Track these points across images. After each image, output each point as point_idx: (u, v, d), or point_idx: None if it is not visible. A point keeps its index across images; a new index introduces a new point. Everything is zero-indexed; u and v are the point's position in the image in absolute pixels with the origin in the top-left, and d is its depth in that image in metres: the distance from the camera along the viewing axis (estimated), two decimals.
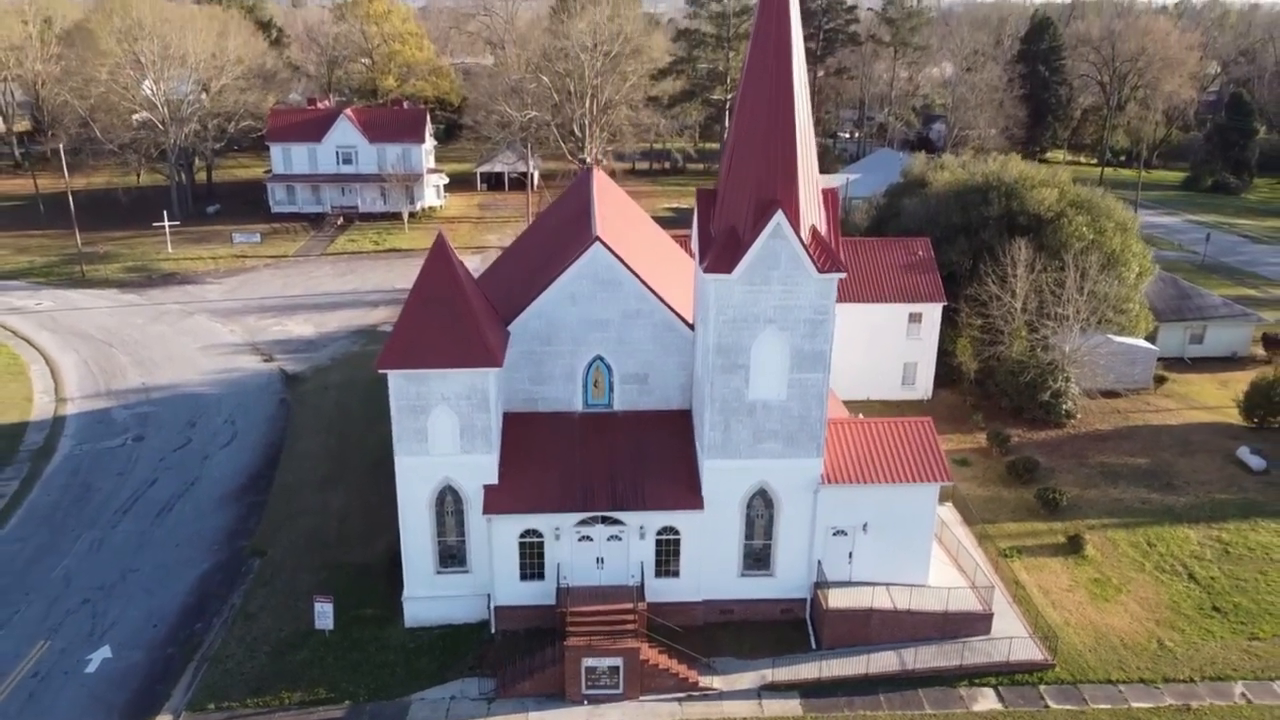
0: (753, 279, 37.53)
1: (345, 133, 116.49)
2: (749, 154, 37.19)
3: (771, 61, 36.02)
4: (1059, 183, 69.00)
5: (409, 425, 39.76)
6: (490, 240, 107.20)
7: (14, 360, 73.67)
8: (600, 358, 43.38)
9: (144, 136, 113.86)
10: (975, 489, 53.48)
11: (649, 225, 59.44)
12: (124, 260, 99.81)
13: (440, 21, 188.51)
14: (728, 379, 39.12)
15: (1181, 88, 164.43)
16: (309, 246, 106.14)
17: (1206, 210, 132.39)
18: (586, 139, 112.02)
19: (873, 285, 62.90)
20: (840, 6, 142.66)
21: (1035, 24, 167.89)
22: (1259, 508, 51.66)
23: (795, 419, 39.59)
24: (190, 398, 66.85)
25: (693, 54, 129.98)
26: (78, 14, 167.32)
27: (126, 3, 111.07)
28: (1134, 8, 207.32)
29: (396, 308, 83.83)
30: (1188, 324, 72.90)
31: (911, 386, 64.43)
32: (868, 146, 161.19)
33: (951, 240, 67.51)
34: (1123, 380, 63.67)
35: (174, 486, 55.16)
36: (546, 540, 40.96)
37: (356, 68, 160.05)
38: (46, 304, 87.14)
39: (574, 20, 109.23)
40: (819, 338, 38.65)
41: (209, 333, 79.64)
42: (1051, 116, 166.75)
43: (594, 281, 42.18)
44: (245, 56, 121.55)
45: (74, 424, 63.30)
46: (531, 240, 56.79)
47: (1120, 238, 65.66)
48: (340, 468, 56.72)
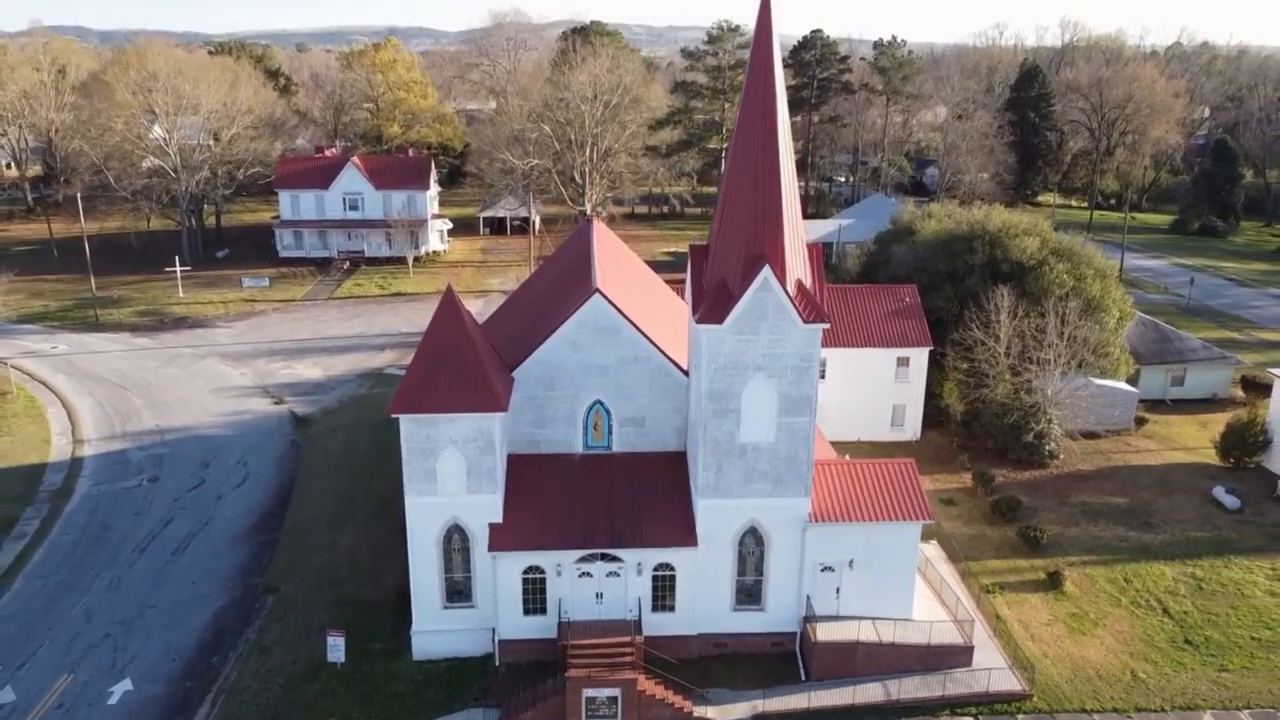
0: (742, 329, 40.00)
1: (352, 180, 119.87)
2: (738, 213, 39.87)
3: (759, 129, 38.84)
4: (1040, 231, 71.79)
5: (419, 466, 42.02)
6: (493, 284, 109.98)
7: (32, 403, 76.03)
8: (600, 402, 45.74)
9: (156, 184, 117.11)
10: (961, 527, 55.58)
11: (646, 274, 62.10)
12: (136, 304, 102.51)
13: (444, 70, 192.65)
14: (720, 422, 41.46)
15: (1169, 133, 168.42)
16: (316, 290, 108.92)
17: (1193, 253, 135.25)
18: (587, 186, 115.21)
19: (862, 331, 65.41)
20: (833, 56, 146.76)
21: (1025, 72, 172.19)
22: (1232, 545, 53.76)
23: (784, 460, 41.88)
24: (203, 439, 69.12)
25: (689, 105, 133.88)
26: (91, 62, 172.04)
27: (143, 55, 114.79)
28: (1122, 55, 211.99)
29: (402, 351, 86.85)
30: (1169, 367, 75.33)
31: (900, 428, 66.73)
32: (862, 190, 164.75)
33: (938, 287, 70.09)
34: (1104, 422, 65.91)
35: (189, 525, 57.27)
36: (548, 576, 43.05)
37: (362, 114, 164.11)
38: (62, 347, 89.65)
39: (575, 72, 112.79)
40: (805, 383, 40.97)
41: (220, 376, 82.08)
42: (1042, 161, 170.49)
43: (594, 330, 44.66)
44: (255, 106, 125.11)
45: (91, 465, 65.53)
46: (534, 288, 59.40)
47: (1100, 284, 68.26)
48: (349, 507, 58.84)
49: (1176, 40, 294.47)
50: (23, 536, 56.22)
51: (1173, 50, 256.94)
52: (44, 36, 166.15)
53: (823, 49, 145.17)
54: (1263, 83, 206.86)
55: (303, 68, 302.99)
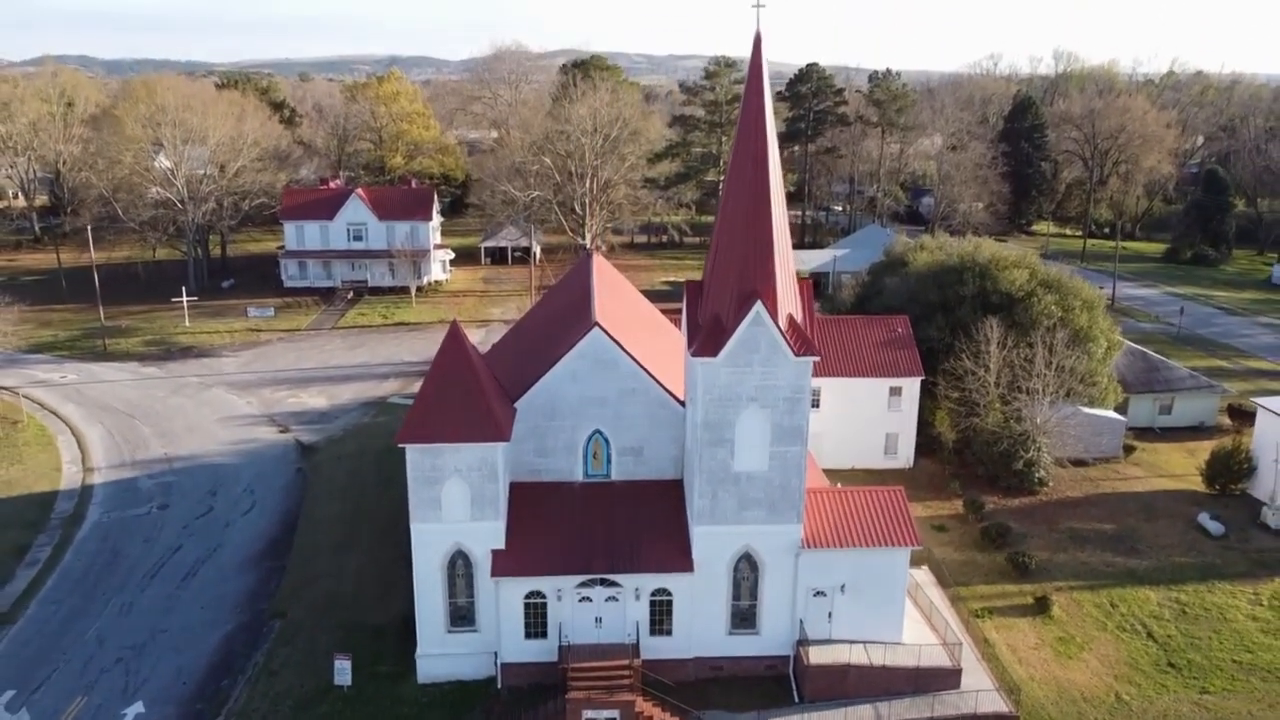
0: (736, 362, 41.62)
1: (356, 211, 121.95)
2: (731, 251, 41.63)
3: (751, 171, 40.69)
4: (1029, 264, 73.52)
5: (424, 495, 43.50)
6: (494, 314, 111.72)
7: (42, 432, 77.53)
8: (599, 431, 47.27)
9: (163, 215, 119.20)
10: (951, 553, 56.95)
11: (644, 306, 63.84)
12: (143, 334, 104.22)
13: (447, 101, 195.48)
14: (715, 451, 42.99)
15: (1161, 163, 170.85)
16: (320, 320, 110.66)
17: (1185, 282, 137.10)
18: (587, 217, 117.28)
19: (856, 361, 67.02)
20: (829, 89, 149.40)
21: (1018, 103, 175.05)
22: (1216, 570, 55.13)
23: (777, 488, 43.37)
24: (211, 467, 70.58)
25: (687, 138, 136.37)
26: (98, 94, 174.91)
27: (152, 89, 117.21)
28: (1114, 86, 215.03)
29: (405, 380, 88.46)
30: (1156, 395, 76.88)
31: (894, 456, 68.20)
32: (859, 219, 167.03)
33: (930, 317, 71.73)
34: (1092, 449, 67.38)
35: (198, 552, 58.65)
36: (549, 601, 44.43)
37: (365, 144, 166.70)
38: (71, 377, 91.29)
39: (575, 105, 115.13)
40: (797, 414, 42.52)
41: (227, 405, 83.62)
42: (1036, 191, 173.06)
43: (593, 362, 46.28)
44: (262, 139, 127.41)
45: (101, 493, 66.96)
46: (535, 320, 61.15)
47: (1087, 315, 69.90)
48: (355, 534, 60.20)
49: (1170, 70, 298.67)
50: (36, 563, 57.61)
51: (1166, 80, 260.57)
52: (53, 68, 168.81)
53: (818, 82, 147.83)
54: (1254, 113, 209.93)
55: (306, 98, 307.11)
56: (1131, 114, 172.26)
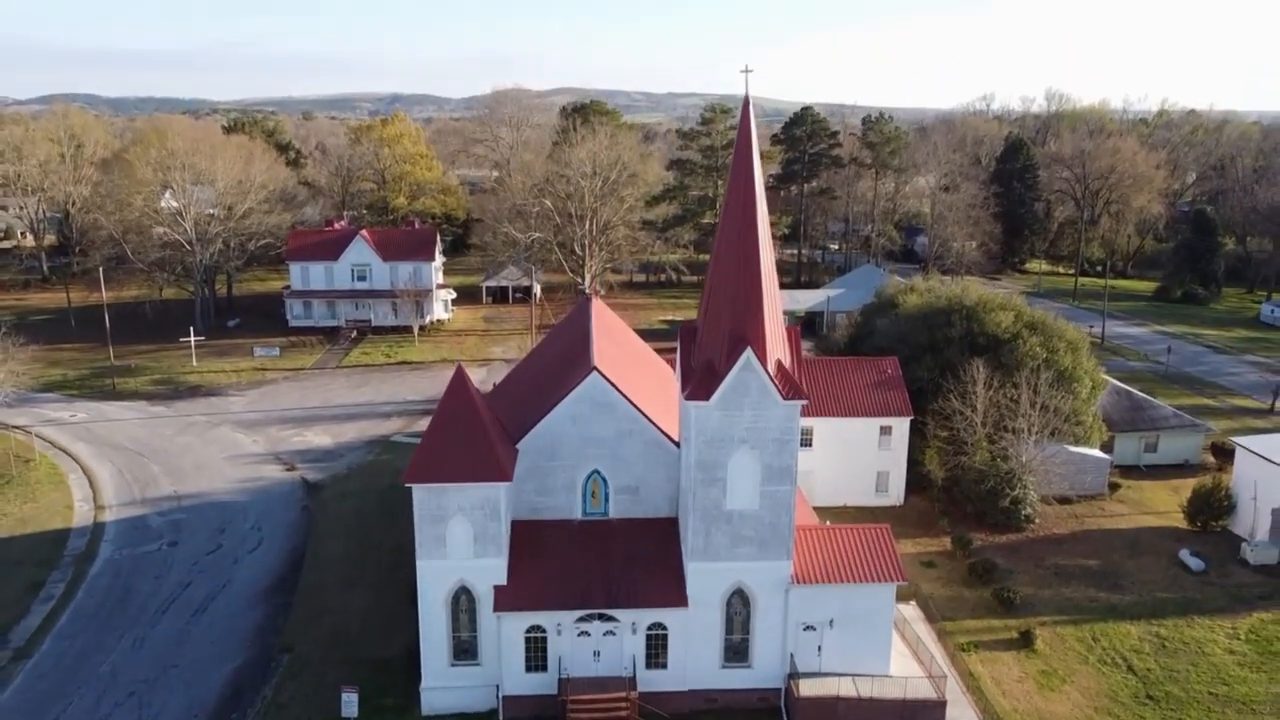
0: (727, 405, 43.64)
1: (361, 252, 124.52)
2: (723, 300, 43.80)
3: (740, 227, 42.98)
4: (1015, 306, 75.75)
5: (430, 532, 45.34)
6: (495, 353, 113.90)
7: (54, 470, 79.35)
8: (597, 471, 49.17)
9: (171, 256, 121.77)
10: (939, 589, 58.63)
11: (641, 348, 65.98)
12: (151, 373, 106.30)
13: (449, 143, 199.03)
14: (708, 491, 44.89)
15: (1151, 203, 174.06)
16: (325, 359, 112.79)
17: (1175, 320, 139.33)
18: (586, 257, 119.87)
19: (847, 401, 69.01)
20: (823, 132, 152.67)
21: (1010, 144, 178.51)
22: (1196, 605, 56.79)
23: (767, 526, 45.22)
24: (219, 505, 72.34)
25: (684, 182, 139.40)
26: (104, 133, 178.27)
27: (163, 133, 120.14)
28: (1105, 127, 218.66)
29: (409, 419, 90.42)
30: (1142, 434, 78.76)
31: (885, 494, 70.00)
32: (854, 258, 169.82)
33: (919, 358, 73.83)
34: (1077, 487, 69.17)
35: (208, 588, 60.27)
36: (549, 635, 46.13)
37: (368, 185, 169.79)
38: (80, 416, 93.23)
39: (575, 149, 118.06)
40: (786, 455, 44.45)
41: (233, 443, 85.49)
42: (1028, 230, 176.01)
43: (592, 405, 48.29)
44: (269, 182, 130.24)
45: (112, 530, 68.67)
46: (536, 362, 63.26)
47: (1071, 356, 72.03)
48: (360, 570, 61.85)
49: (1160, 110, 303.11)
50: (50, 599, 59.23)
51: (1158, 119, 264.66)
52: (63, 110, 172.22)
53: (813, 125, 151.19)
54: (1243, 153, 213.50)
55: (310, 137, 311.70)
56: (1121, 155, 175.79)
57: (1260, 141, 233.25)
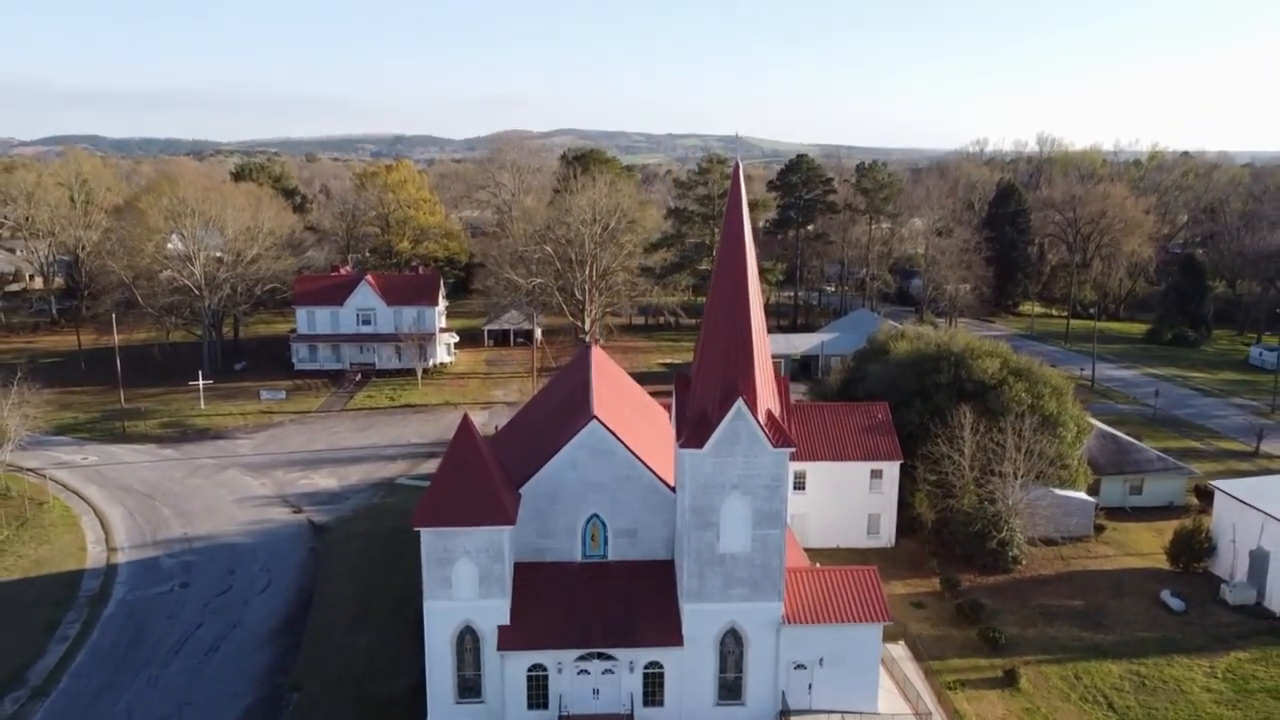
0: (720, 453, 45.92)
1: (365, 297, 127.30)
2: (715, 353, 46.25)
3: (731, 285, 45.58)
4: (1001, 352, 78.20)
5: (436, 574, 47.41)
6: (497, 396, 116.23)
7: (66, 512, 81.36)
8: (597, 515, 51.32)
9: (180, 301, 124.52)
10: (928, 629, 60.49)
11: (639, 394, 68.31)
12: (160, 416, 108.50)
13: (453, 188, 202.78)
14: (702, 535, 47.03)
15: (1141, 247, 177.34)
16: (330, 402, 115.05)
17: (1165, 363, 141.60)
18: (587, 302, 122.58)
19: (839, 446, 71.20)
20: (818, 178, 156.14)
21: (1002, 189, 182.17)
22: (1176, 645, 58.65)
23: (759, 568, 47.32)
24: (228, 547, 74.29)
25: (681, 230, 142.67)
26: (114, 179, 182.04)
27: (175, 182, 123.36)
28: (1096, 172, 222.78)
29: (412, 461, 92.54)
30: (1127, 477, 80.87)
31: (876, 536, 72.00)
32: (850, 300, 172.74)
33: (909, 403, 76.13)
34: (1062, 529, 71.21)
35: (219, 628, 62.12)
36: (550, 674, 48.04)
37: (373, 229, 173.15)
38: (92, 459, 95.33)
39: (575, 197, 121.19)
40: (776, 500, 46.65)
41: (242, 486, 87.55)
42: (1021, 273, 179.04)
43: (591, 451, 50.56)
44: (277, 229, 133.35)
45: (125, 572, 70.58)
46: (539, 408, 65.59)
47: (1056, 402, 74.33)
48: (366, 610, 63.72)
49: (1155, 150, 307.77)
50: (65, 639, 61.05)
51: (1150, 162, 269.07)
52: (75, 158, 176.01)
53: (808, 171, 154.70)
54: (1233, 197, 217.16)
55: (314, 179, 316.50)
56: (1112, 200, 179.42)
57: (1250, 185, 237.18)
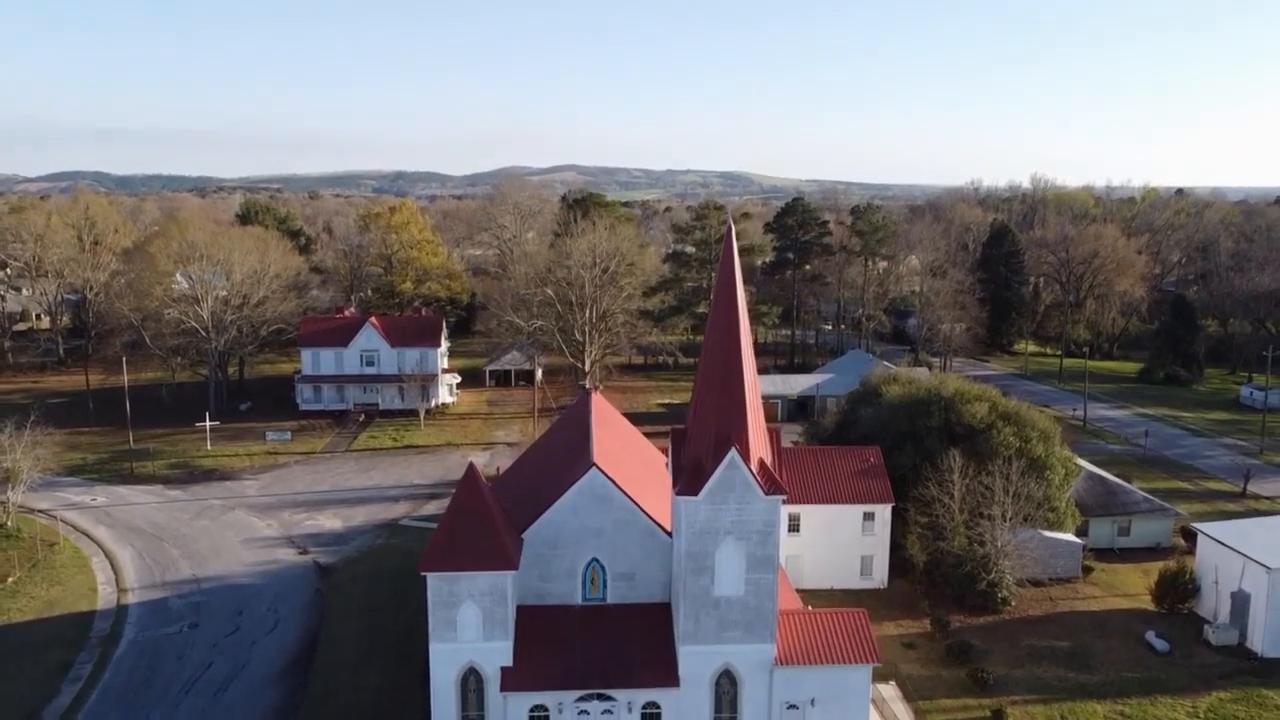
0: (714, 500, 47.90)
1: (370, 338, 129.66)
2: (710, 404, 48.38)
3: (724, 340, 47.86)
4: (990, 396, 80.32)
5: (442, 617, 49.23)
6: (498, 436, 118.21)
7: (77, 554, 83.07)
8: (596, 559, 53.20)
9: (188, 343, 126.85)
10: (918, 669, 62.11)
11: (636, 438, 70.40)
12: (167, 457, 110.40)
13: (455, 230, 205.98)
14: (697, 579, 48.88)
15: (1134, 287, 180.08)
16: (335, 443, 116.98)
17: (1157, 403, 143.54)
18: (587, 343, 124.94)
19: (832, 489, 73.16)
20: (813, 221, 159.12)
21: (995, 230, 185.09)
22: (1160, 685, 60.25)
23: (752, 611, 49.12)
24: (236, 588, 75.94)
25: (679, 274, 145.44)
26: (121, 221, 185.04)
27: (184, 227, 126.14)
28: (1088, 213, 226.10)
29: (415, 502, 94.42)
30: (1115, 518, 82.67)
31: (869, 577, 73.72)
32: (847, 338, 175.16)
33: (901, 446, 78.14)
34: (1050, 570, 72.91)
35: (227, 668, 63.71)
36: (551, 714, 49.68)
37: (376, 269, 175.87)
38: (100, 499, 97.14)
39: (576, 241, 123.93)
40: (768, 545, 48.55)
41: (248, 527, 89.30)
42: (1015, 313, 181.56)
43: (591, 498, 52.55)
44: (283, 271, 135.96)
45: (135, 612, 72.20)
46: (540, 453, 67.66)
47: (1043, 445, 76.33)
48: (371, 650, 65.32)
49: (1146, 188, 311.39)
50: (78, 679, 62.61)
51: (1144, 199, 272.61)
52: (85, 201, 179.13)
53: (803, 214, 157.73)
54: (1224, 235, 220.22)
55: (317, 216, 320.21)
56: (1104, 240, 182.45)
57: (1242, 224, 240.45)
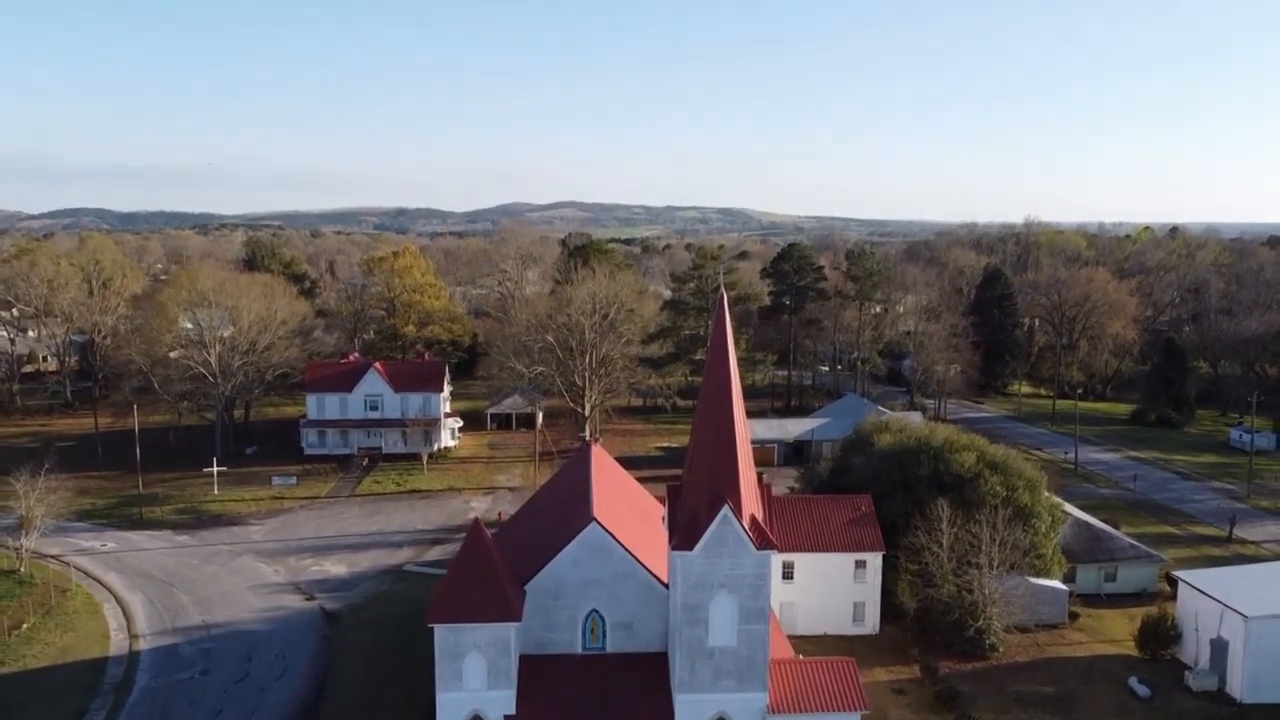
0: (709, 554, 50.27)
1: (374, 383, 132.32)
2: (704, 462, 50.93)
3: (717, 402, 50.52)
4: (977, 446, 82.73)
5: (449, 667, 51.42)
6: (500, 481, 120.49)
7: (89, 599, 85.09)
8: (596, 610, 55.49)
9: (196, 388, 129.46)
10: (908, 715, 64.02)
11: (636, 490, 72.81)
12: (175, 502, 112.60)
13: (458, 271, 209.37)
14: (693, 629, 51.13)
15: (1125, 329, 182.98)
16: (339, 487, 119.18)
17: (1147, 445, 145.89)
18: (586, 388, 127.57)
19: (825, 538, 75.40)
20: (810, 266, 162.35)
21: (988, 274, 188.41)
22: None
23: (745, 660, 51.32)
24: (245, 634, 77.90)
25: (677, 323, 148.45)
26: (128, 265, 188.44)
27: (195, 278, 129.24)
28: (1081, 255, 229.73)
29: (419, 548, 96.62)
30: (1101, 564, 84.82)
31: (861, 623, 75.76)
32: (844, 380, 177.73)
33: (892, 494, 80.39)
34: (1037, 617, 74.97)
35: (238, 715, 65.51)
36: None
37: (379, 312, 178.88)
38: (110, 545, 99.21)
39: (576, 289, 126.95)
40: (760, 598, 50.85)
41: (256, 573, 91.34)
42: (1009, 355, 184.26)
43: (591, 550, 54.95)
44: (289, 318, 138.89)
45: (147, 659, 74.12)
46: (542, 504, 70.07)
47: (1030, 494, 78.65)
48: (376, 697, 67.25)
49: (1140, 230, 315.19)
50: None
51: (1135, 242, 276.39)
52: (94, 247, 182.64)
53: (799, 260, 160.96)
54: (1216, 276, 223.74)
55: (320, 256, 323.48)
56: (1095, 284, 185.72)
57: (1234, 264, 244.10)
